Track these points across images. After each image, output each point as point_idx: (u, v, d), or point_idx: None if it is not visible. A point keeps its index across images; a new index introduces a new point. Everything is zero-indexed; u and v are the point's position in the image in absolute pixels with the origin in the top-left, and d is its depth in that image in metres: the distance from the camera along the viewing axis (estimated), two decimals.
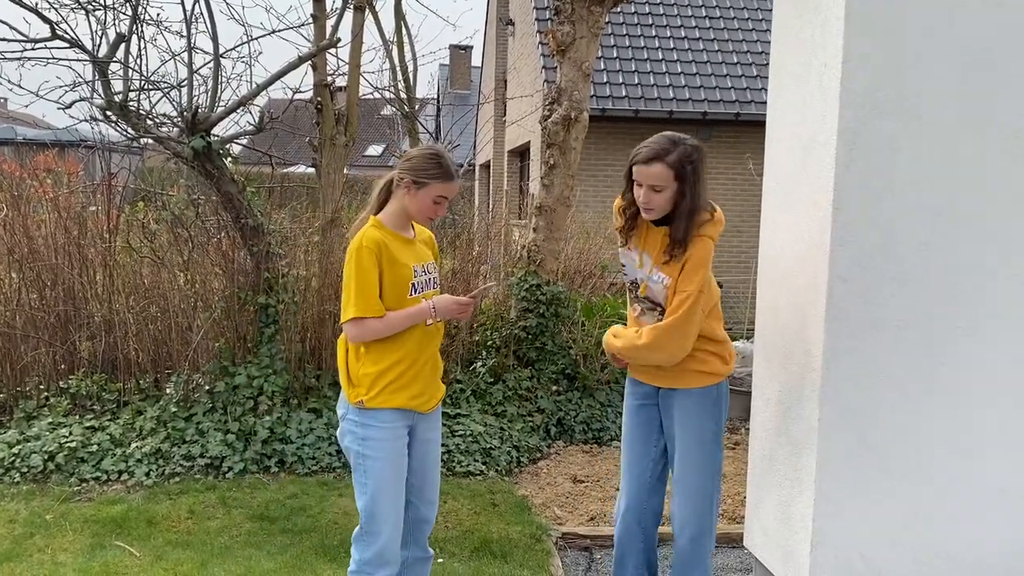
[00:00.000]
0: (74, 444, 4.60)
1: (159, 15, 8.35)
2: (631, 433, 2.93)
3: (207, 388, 4.91)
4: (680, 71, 12.18)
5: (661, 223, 2.65)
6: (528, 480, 4.83)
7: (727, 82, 12.03)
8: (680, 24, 13.03)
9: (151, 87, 5.12)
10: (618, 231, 2.80)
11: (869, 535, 2.48)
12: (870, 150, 2.35)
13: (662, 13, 13.20)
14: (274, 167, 6.00)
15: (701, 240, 2.58)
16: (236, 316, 5.06)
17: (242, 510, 4.15)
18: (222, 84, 5.01)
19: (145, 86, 5.09)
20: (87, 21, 4.94)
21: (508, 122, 15.71)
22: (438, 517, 4.10)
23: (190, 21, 4.94)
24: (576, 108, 5.68)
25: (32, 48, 4.88)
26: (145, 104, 5.12)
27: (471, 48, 28.07)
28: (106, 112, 4.90)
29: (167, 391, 4.97)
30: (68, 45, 4.85)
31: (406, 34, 7.53)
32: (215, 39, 4.98)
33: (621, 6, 9.97)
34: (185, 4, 4.92)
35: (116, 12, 4.97)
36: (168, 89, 5.12)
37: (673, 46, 12.62)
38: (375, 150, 31.38)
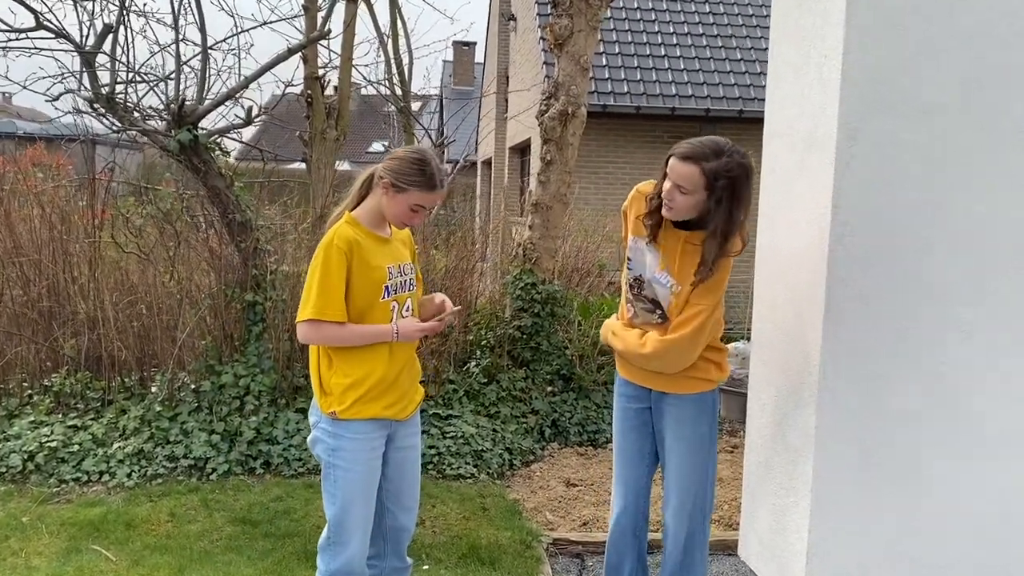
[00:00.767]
0: (55, 444, 4.50)
1: (147, 5, 8.23)
2: (624, 438, 2.83)
3: (193, 387, 4.81)
4: (683, 67, 12.02)
5: (680, 226, 2.53)
6: (520, 483, 4.72)
7: (730, 78, 11.88)
8: (683, 20, 12.87)
9: (138, 79, 5.02)
10: (640, 219, 2.61)
11: (867, 546, 2.38)
12: (871, 145, 2.24)
13: (664, 8, 13.06)
14: (265, 162, 5.88)
15: (725, 259, 2.48)
16: (223, 313, 4.96)
17: (224, 513, 4.04)
18: (211, 77, 4.92)
19: (132, 78, 4.99)
20: (75, 11, 4.85)
21: (508, 117, 15.60)
22: (425, 522, 4.00)
23: (178, 12, 4.84)
24: (573, 103, 5.55)
25: (16, 38, 4.78)
26: (133, 97, 5.01)
27: (474, 44, 27.99)
28: (93, 104, 4.80)
29: (152, 390, 4.87)
30: (53, 36, 4.75)
31: (401, 27, 7.40)
32: (203, 30, 4.89)
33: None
34: None
35: (103, 2, 4.87)
36: (155, 82, 5.02)
37: (676, 42, 12.48)
38: (379, 146, 31.26)
